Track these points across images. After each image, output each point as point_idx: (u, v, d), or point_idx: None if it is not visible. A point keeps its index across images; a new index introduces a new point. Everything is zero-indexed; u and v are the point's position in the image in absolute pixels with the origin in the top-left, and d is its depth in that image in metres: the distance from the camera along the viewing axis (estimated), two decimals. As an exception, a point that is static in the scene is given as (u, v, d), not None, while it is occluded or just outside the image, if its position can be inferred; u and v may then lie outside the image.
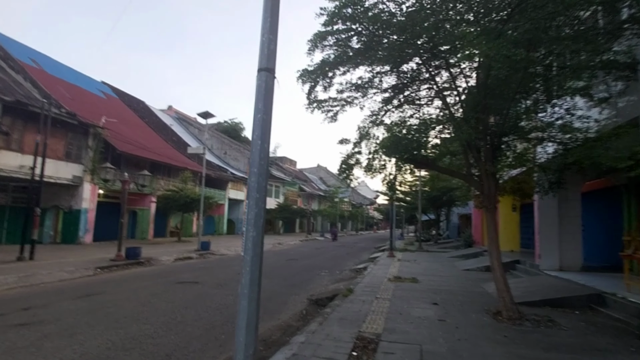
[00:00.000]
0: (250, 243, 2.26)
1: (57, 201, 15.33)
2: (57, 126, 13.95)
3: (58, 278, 7.41)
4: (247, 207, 2.27)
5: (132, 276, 8.16)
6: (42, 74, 17.09)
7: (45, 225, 15.09)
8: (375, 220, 73.27)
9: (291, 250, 17.34)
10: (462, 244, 17.00)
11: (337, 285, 7.56)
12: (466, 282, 7.68)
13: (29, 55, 17.63)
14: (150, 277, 8.04)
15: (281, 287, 7.20)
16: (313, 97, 5.58)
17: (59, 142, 14.32)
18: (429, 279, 7.92)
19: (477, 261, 11.53)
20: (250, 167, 2.33)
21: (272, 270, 9.58)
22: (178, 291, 6.43)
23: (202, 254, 12.98)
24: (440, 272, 9.48)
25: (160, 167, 20.77)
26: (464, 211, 23.29)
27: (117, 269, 9.02)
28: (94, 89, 22.15)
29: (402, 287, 6.75)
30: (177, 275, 8.32)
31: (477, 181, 5.30)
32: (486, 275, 8.73)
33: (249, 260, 2.26)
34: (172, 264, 10.68)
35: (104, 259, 9.98)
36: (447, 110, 5.38)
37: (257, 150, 2.37)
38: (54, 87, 16.57)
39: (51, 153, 13.76)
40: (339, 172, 6.02)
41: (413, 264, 11.33)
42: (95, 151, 15.54)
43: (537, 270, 7.71)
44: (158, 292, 6.25)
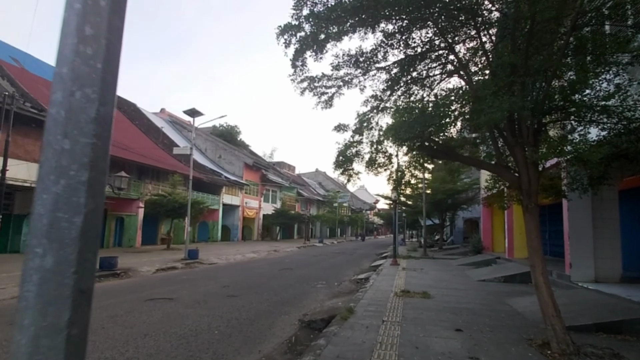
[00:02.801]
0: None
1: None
2: (32, 126, 13.02)
3: (10, 295, 6.33)
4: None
5: (99, 291, 7.05)
6: (23, 73, 16.35)
7: (22, 233, 14.08)
8: (375, 226, 71.95)
9: (287, 257, 16.15)
10: (470, 250, 15.86)
11: (336, 301, 6.42)
12: (487, 297, 6.56)
13: (10, 54, 16.97)
14: (120, 292, 6.97)
15: (269, 304, 6.06)
16: (301, 67, 4.49)
17: (33, 143, 13.32)
18: (442, 294, 6.79)
19: (491, 270, 10.40)
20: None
21: (261, 283, 8.42)
22: (144, 311, 5.35)
23: (188, 263, 11.85)
24: (453, 283, 8.35)
25: (148, 171, 19.79)
26: (469, 215, 22.26)
27: None
28: None
29: (412, 305, 5.62)
30: (152, 289, 7.23)
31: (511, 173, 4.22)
32: (508, 288, 7.63)
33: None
34: (152, 275, 9.58)
35: None
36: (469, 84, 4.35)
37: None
38: (34, 86, 15.76)
39: (25, 155, 12.91)
40: (335, 167, 4.93)
41: (420, 273, 10.19)
42: None
43: (567, 281, 6.59)
44: (119, 314, 5.17)
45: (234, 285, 7.88)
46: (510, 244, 12.04)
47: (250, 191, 31.24)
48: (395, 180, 5.40)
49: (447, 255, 16.64)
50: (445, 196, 18.16)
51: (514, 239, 11.96)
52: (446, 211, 20.50)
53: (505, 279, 8.65)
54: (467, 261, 13.28)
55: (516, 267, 9.59)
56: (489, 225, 15.69)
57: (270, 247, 21.70)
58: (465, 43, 5.22)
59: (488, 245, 15.33)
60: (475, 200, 19.28)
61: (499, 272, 9.37)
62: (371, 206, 66.20)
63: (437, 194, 18.12)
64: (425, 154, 4.85)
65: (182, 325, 4.64)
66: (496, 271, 9.87)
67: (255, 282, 8.57)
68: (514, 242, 11.97)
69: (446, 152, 4.74)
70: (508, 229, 12.10)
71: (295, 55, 4.47)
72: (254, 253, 17.08)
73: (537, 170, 4.09)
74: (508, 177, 4.42)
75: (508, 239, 12.13)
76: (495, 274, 9.25)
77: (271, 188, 35.51)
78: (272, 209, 33.39)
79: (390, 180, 5.44)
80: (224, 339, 4.21)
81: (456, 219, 23.54)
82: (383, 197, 26.93)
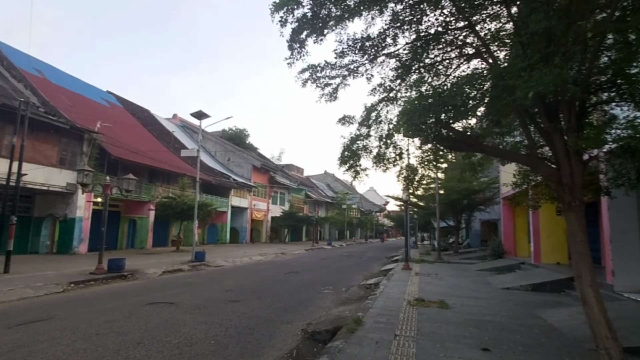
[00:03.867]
0: None
1: (52, 210, 14.78)
2: (50, 132, 13.53)
3: (18, 296, 6.36)
4: None
5: (104, 293, 7.01)
6: (45, 83, 17.09)
7: (41, 235, 14.64)
8: (385, 228, 70.59)
9: (294, 260, 15.66)
10: (489, 254, 14.86)
11: (342, 309, 5.86)
12: (515, 309, 5.84)
13: (34, 66, 17.72)
14: (122, 295, 6.83)
15: (272, 311, 5.60)
16: (299, 49, 3.99)
17: (52, 149, 13.83)
18: (462, 303, 6.11)
19: (516, 277, 9.54)
20: None
21: (266, 287, 7.97)
22: (142, 317, 5.10)
23: (195, 266, 11.62)
24: (473, 291, 7.62)
25: (159, 174, 20.06)
26: (487, 216, 21.08)
27: (93, 284, 8.01)
28: (98, 97, 22.14)
29: (428, 316, 5.00)
30: (155, 292, 7.04)
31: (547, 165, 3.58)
32: (537, 298, 6.86)
33: None
34: (158, 277, 9.45)
35: (84, 272, 8.95)
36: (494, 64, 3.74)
37: None
38: (54, 95, 16.45)
39: (44, 160, 13.34)
40: (340, 163, 4.41)
41: (435, 279, 9.47)
42: (90, 157, 14.94)
43: (610, 292, 5.79)
44: (117, 319, 4.95)
45: (237, 290, 7.52)
46: (536, 247, 11.05)
47: (258, 193, 31.04)
48: (405, 177, 4.82)
49: (464, 260, 15.71)
50: (461, 196, 17.18)
51: (540, 242, 10.94)
52: (461, 212, 19.48)
53: (533, 287, 7.79)
54: (487, 266, 12.38)
55: (545, 274, 8.71)
56: (510, 227, 14.66)
57: (278, 249, 21.29)
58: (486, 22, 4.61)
59: (510, 249, 14.29)
60: (493, 200, 18.19)
61: (526, 279, 8.52)
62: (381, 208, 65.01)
63: (452, 194, 17.18)
64: (443, 146, 4.25)
65: (178, 334, 4.32)
66: (522, 278, 9.01)
67: (259, 286, 8.14)
68: (540, 246, 10.95)
69: (468, 142, 4.10)
70: (534, 231, 11.14)
71: (293, 36, 3.98)
72: (261, 255, 16.68)
73: (580, 160, 3.45)
74: (544, 169, 3.77)
75: (534, 243, 11.14)
76: (521, 281, 8.41)
77: (279, 190, 35.24)
78: (280, 211, 33.06)
79: (400, 178, 4.87)
80: (219, 350, 3.84)
81: (473, 221, 22.38)
82: (393, 198, 26.13)
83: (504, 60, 4.06)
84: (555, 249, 10.69)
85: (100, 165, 15.63)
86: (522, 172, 4.42)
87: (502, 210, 15.02)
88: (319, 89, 4.59)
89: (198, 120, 13.41)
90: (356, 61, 4.74)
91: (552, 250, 10.69)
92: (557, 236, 10.68)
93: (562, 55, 3.21)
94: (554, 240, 10.71)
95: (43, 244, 14.55)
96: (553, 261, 10.57)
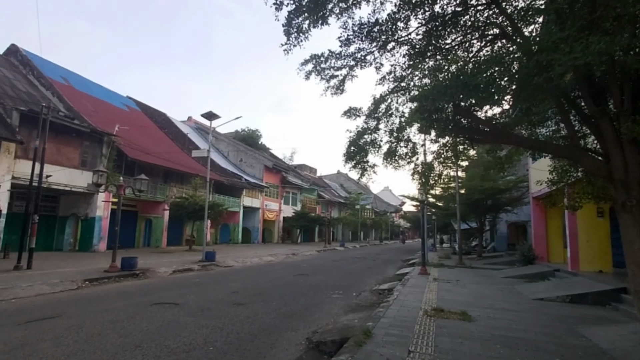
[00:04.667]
0: None
1: (75, 209, 15.52)
2: (73, 135, 14.22)
3: (35, 292, 6.60)
4: None
5: (114, 292, 7.10)
6: (70, 90, 18.11)
7: (65, 233, 15.44)
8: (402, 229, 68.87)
9: (304, 262, 15.25)
10: (518, 260, 13.54)
11: (352, 317, 5.36)
12: (551, 324, 5.12)
13: (60, 74, 18.90)
14: (131, 294, 6.87)
15: (276, 317, 5.24)
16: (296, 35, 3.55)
17: (74, 151, 14.52)
18: (487, 315, 5.44)
19: (550, 286, 8.55)
20: None
21: (272, 290, 7.62)
22: (146, 317, 5.01)
23: (204, 265, 11.59)
24: (500, 301, 6.87)
25: (173, 175, 20.57)
26: (514, 218, 19.51)
27: (106, 282, 8.15)
28: (119, 102, 23.19)
29: (448, 330, 4.41)
30: (162, 292, 7.01)
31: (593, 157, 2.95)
32: (577, 312, 6.05)
33: None
34: (168, 276, 9.52)
35: (99, 269, 9.18)
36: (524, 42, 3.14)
37: None
38: (78, 101, 17.38)
39: (67, 162, 14.06)
40: (345, 159, 3.94)
41: (456, 286, 8.74)
42: (109, 159, 15.52)
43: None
44: (121, 319, 4.93)
45: (243, 292, 7.26)
46: (574, 253, 9.84)
47: (270, 193, 30.98)
48: (421, 176, 4.27)
49: (489, 265, 14.56)
50: (485, 196, 15.94)
51: (579, 247, 9.74)
52: (485, 213, 18.13)
53: (572, 299, 6.86)
54: (515, 273, 11.23)
55: (586, 284, 7.69)
56: (542, 230, 13.26)
57: (289, 250, 20.99)
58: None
59: (542, 254, 12.89)
60: (522, 200, 16.79)
61: (562, 290, 7.59)
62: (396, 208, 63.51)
63: (474, 193, 15.96)
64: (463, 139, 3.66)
65: (178, 338, 4.14)
66: (557, 288, 8.04)
67: (266, 288, 7.82)
68: (579, 252, 9.73)
69: (493, 132, 3.51)
70: (571, 235, 9.93)
71: (289, 19, 3.55)
72: (272, 256, 16.42)
73: (637, 150, 2.80)
74: (588, 163, 3.14)
75: (571, 248, 9.93)
76: (556, 292, 7.49)
77: (291, 190, 35.04)
78: (292, 211, 32.84)
79: (414, 176, 4.33)
80: (217, 358, 3.61)
81: (498, 223, 20.77)
82: (409, 198, 25.20)
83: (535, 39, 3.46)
84: (596, 255, 9.51)
85: (119, 166, 16.17)
86: (559, 167, 3.76)
87: (533, 211, 13.65)
88: (324, 82, 4.15)
89: (206, 119, 13.40)
90: (363, 49, 4.25)
91: (593, 257, 9.51)
92: (599, 241, 9.53)
93: (613, 21, 2.60)
94: (595, 246, 9.54)
95: (67, 242, 15.26)
96: (594, 269, 9.38)
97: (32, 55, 17.91)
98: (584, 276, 8.65)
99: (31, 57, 17.56)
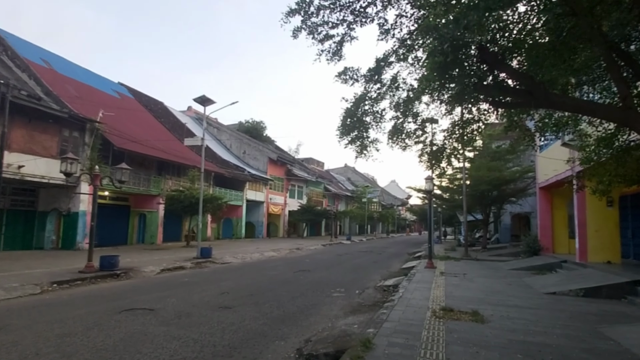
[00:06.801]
0: None
1: (57, 204, 14.29)
2: (49, 121, 12.94)
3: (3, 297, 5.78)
4: None
5: (82, 296, 6.24)
6: (51, 73, 16.70)
7: (46, 230, 14.19)
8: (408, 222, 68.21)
9: (307, 257, 14.86)
10: (523, 251, 13.26)
11: (351, 320, 4.91)
12: (571, 323, 4.62)
13: (40, 56, 17.38)
14: (101, 298, 6.06)
15: (266, 321, 4.72)
16: None
17: (51, 139, 13.20)
18: (501, 314, 4.95)
19: (560, 278, 8.14)
20: None
21: (268, 289, 7.15)
22: (107, 329, 4.26)
23: (199, 263, 11.01)
24: (512, 297, 6.38)
25: (168, 166, 19.55)
26: (517, 209, 19.16)
27: (79, 284, 7.28)
28: (108, 89, 21.58)
29: (460, 335, 3.92)
30: (139, 295, 6.27)
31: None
32: (594, 307, 5.58)
33: None
34: (154, 276, 8.79)
35: (75, 270, 8.26)
36: None
37: None
38: (60, 86, 16.00)
39: (43, 151, 12.71)
40: (340, 134, 3.37)
41: (464, 280, 8.26)
42: (92, 148, 14.27)
43: None
44: (75, 331, 4.13)
45: (234, 292, 6.72)
46: (582, 244, 9.53)
47: (275, 187, 30.52)
48: (431, 157, 3.72)
49: (494, 257, 14.18)
50: (490, 187, 15.49)
51: (587, 237, 9.45)
52: (491, 205, 17.71)
53: (585, 293, 6.47)
54: (521, 265, 10.91)
55: (597, 276, 7.28)
56: (548, 221, 12.93)
57: (293, 244, 20.64)
58: None
59: (547, 244, 12.64)
60: (526, 191, 16.40)
61: (574, 282, 7.15)
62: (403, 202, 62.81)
63: (481, 184, 15.52)
64: (490, 100, 2.98)
65: (136, 356, 3.45)
66: (568, 280, 7.62)
67: (261, 287, 7.34)
68: (587, 242, 9.46)
69: (529, 90, 2.72)
70: (580, 225, 9.58)
71: None
72: (274, 251, 16.05)
73: None
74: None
75: (579, 238, 9.61)
76: (568, 285, 7.06)
77: (297, 183, 34.56)
78: (297, 205, 32.43)
79: (422, 157, 3.78)
80: None
81: (502, 214, 20.42)
82: (415, 190, 24.55)
83: None
84: (605, 245, 9.23)
85: (105, 157, 14.76)
86: (599, 139, 3.16)
87: (539, 201, 13.34)
88: (317, 43, 3.50)
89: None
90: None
91: (602, 247, 9.23)
92: (608, 231, 9.25)
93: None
94: (604, 236, 9.27)
95: (48, 239, 13.98)
96: (602, 260, 9.10)
97: (7, 34, 16.08)
98: (594, 267, 8.29)
99: (5, 36, 15.76)
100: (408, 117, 3.32)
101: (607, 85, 3.00)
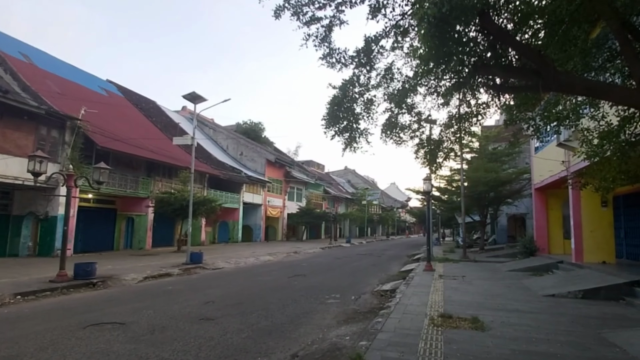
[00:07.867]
0: None
1: (33, 207, 13.24)
2: (24, 118, 11.96)
3: None
4: None
5: (47, 309, 5.60)
6: (30, 68, 15.89)
7: (22, 236, 13.08)
8: (407, 224, 68.01)
9: (305, 261, 14.56)
10: (519, 252, 13.12)
11: (344, 331, 4.63)
12: (573, 329, 4.39)
13: (20, 50, 16.56)
14: (69, 311, 5.44)
15: (250, 334, 4.34)
16: None
17: (26, 137, 12.18)
18: (501, 320, 4.70)
19: (558, 280, 7.98)
20: None
21: (258, 297, 6.80)
22: (64, 348, 3.75)
23: (188, 269, 10.43)
24: (511, 300, 6.14)
25: (158, 167, 18.55)
26: (513, 210, 19.09)
27: (47, 295, 6.61)
28: (95, 86, 20.57)
29: (460, 346, 3.66)
30: (112, 307, 5.69)
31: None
32: (595, 310, 5.39)
33: None
34: (135, 285, 8.14)
35: (46, 279, 7.59)
36: None
37: None
38: (40, 81, 15.12)
39: (16, 150, 11.73)
40: (326, 125, 3.10)
41: (463, 283, 8.02)
42: (73, 147, 13.30)
43: None
44: (26, 352, 3.61)
45: (221, 301, 6.29)
46: (578, 244, 9.42)
47: (273, 189, 30.18)
48: (427, 152, 3.47)
49: (492, 258, 13.97)
50: (488, 188, 15.38)
51: (583, 237, 9.38)
52: (488, 206, 17.60)
53: (584, 295, 6.30)
54: (519, 266, 10.71)
55: (595, 277, 7.10)
56: (543, 222, 12.84)
57: (291, 248, 20.33)
58: None
59: (543, 245, 12.53)
60: (522, 193, 16.35)
61: (572, 284, 6.97)
62: (403, 204, 62.70)
63: (478, 185, 15.41)
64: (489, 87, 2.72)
65: None
66: (566, 281, 7.44)
67: (251, 295, 6.97)
68: (583, 242, 9.38)
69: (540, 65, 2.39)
70: (575, 226, 9.47)
71: None
72: (271, 255, 15.74)
73: None
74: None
75: (575, 239, 9.50)
76: (566, 287, 6.86)
77: (296, 186, 34.24)
78: (296, 207, 32.10)
79: (418, 153, 3.54)
80: None
81: (499, 215, 20.33)
82: (414, 192, 24.34)
83: None
84: (600, 246, 9.21)
85: (87, 157, 13.79)
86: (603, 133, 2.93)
87: (535, 202, 13.34)
88: (303, 26, 3.18)
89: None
90: None
91: (597, 248, 9.20)
92: (603, 231, 9.23)
93: None
94: (599, 236, 9.23)
95: (24, 246, 12.92)
96: (597, 260, 9.06)
97: (-20, 26, 15.72)
98: (590, 268, 8.19)
99: (-22, 27, 15.57)
100: (403, 109, 3.06)
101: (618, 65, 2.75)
